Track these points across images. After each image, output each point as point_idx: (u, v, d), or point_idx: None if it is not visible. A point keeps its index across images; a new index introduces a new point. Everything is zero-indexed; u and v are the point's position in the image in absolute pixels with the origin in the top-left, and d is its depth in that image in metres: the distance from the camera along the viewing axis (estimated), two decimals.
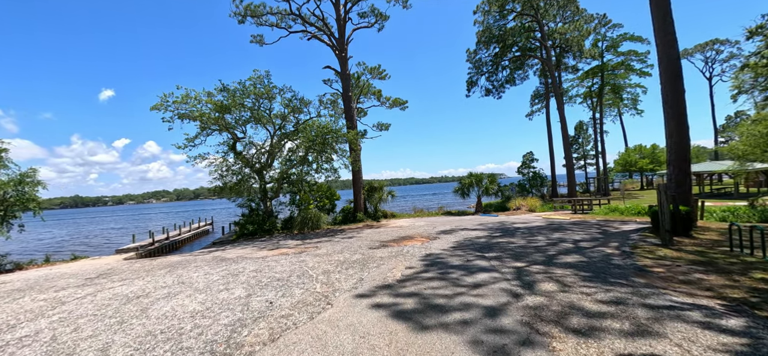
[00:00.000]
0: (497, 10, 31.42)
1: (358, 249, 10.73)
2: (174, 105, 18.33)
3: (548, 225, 13.80)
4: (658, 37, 13.11)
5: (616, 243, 9.16)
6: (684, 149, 12.09)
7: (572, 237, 10.46)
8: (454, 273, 6.62)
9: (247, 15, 22.00)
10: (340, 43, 23.88)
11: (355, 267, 7.93)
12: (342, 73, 23.81)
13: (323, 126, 18.84)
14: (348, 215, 23.03)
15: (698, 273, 5.92)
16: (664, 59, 12.80)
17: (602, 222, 14.37)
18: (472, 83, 33.61)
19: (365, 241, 12.67)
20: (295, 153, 20.92)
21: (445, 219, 20.41)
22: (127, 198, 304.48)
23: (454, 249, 9.41)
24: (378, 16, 23.92)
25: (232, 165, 19.65)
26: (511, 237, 11.04)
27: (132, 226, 44.98)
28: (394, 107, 29.44)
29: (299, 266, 8.67)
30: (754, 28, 12.86)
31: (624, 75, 39.84)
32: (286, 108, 21.48)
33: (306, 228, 19.61)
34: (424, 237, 12.42)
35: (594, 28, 36.91)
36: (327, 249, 11.41)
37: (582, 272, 6.23)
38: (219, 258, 11.33)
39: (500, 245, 9.69)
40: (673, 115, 12.36)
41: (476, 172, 26.84)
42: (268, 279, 7.28)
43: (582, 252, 8.22)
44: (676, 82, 12.49)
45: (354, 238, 14.00)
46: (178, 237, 25.51)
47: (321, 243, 13.14)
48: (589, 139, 47.46)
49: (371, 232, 15.76)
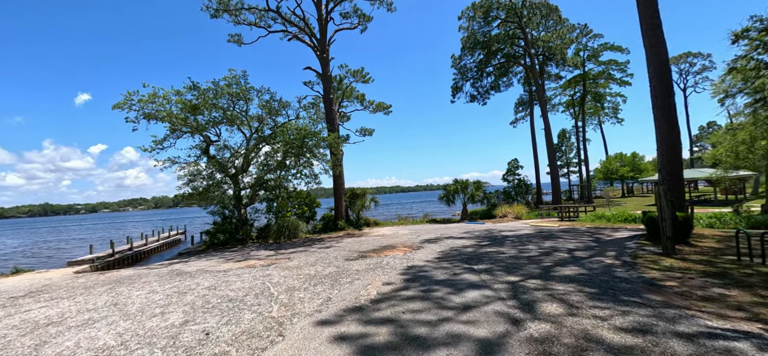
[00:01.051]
0: (482, 17, 31.26)
1: (333, 261, 9.62)
2: (139, 103, 16.83)
3: (538, 233, 13.06)
4: (646, 38, 12.73)
5: (614, 252, 8.42)
6: (676, 153, 11.64)
7: (565, 246, 9.68)
8: (438, 290, 5.63)
9: (221, 9, 20.76)
10: (321, 43, 22.91)
11: (326, 283, 6.83)
12: (323, 74, 22.80)
13: (301, 128, 17.70)
14: (328, 223, 21.81)
15: (717, 288, 5.14)
16: (653, 61, 12.41)
17: (592, 229, 13.76)
18: (457, 89, 33.20)
19: (343, 252, 11.57)
20: (272, 157, 19.65)
21: (430, 227, 19.50)
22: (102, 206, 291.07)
23: (439, 261, 8.43)
24: (361, 17, 23.13)
25: (202, 170, 18.21)
26: (500, 247, 10.18)
27: (99, 236, 42.06)
28: (378, 112, 28.57)
29: (262, 282, 7.49)
30: (739, 31, 12.66)
31: (604, 84, 40.50)
32: (264, 110, 20.27)
33: (282, 238, 18.29)
34: (406, 247, 11.42)
35: (576, 37, 37.41)
36: (299, 261, 10.24)
37: (586, 287, 5.35)
38: (176, 272, 9.98)
39: (490, 255, 8.79)
40: (663, 119, 11.92)
41: (461, 179, 26.16)
42: (218, 300, 6.09)
43: (580, 263, 7.40)
44: (667, 85, 12.09)
45: (331, 248, 12.88)
46: (143, 248, 23.58)
47: (295, 254, 11.95)
48: (572, 147, 47.95)
49: (351, 241, 14.65)
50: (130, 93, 16.80)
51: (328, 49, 23.08)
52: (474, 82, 33.71)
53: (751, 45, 12.98)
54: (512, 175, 34.58)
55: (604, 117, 45.48)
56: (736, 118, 23.33)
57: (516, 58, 33.46)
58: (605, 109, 43.51)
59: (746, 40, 12.84)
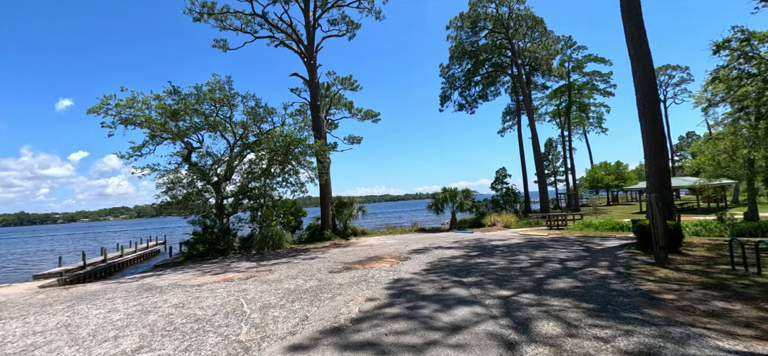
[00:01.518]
0: (469, 27, 31.56)
1: (316, 274, 9.08)
2: (117, 108, 16.08)
3: (528, 243, 12.80)
4: (631, 48, 12.79)
5: (607, 263, 8.16)
6: (664, 162, 11.61)
7: (557, 256, 9.40)
8: (426, 307, 5.19)
9: (205, 13, 20.22)
10: (308, 50, 22.55)
11: (305, 299, 6.31)
12: (310, 81, 22.39)
13: (287, 135, 17.18)
14: (315, 233, 21.16)
15: (718, 301, 4.86)
16: (638, 71, 12.45)
17: (582, 238, 13.59)
18: (445, 98, 33.26)
19: (327, 263, 11.03)
20: (257, 165, 19.02)
21: (419, 236, 19.10)
22: (81, 216, 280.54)
23: (426, 273, 8.01)
24: (349, 25, 22.92)
25: (182, 177, 17.44)
26: (490, 257, 9.83)
27: (73, 247, 40.06)
28: (366, 119, 28.27)
29: (236, 298, 6.91)
30: (720, 42, 12.87)
31: (589, 95, 41.34)
32: (249, 116, 19.69)
33: (266, 248, 17.58)
34: (393, 258, 10.96)
35: (560, 48, 38.18)
36: (280, 274, 9.66)
37: (583, 303, 5.00)
38: (146, 287, 9.27)
39: (479, 267, 8.41)
40: (650, 128, 11.91)
41: (450, 188, 25.90)
42: (183, 320, 5.50)
43: (573, 274, 7.09)
44: (652, 94, 12.12)
45: (316, 259, 12.31)
46: (118, 260, 22.38)
47: (277, 266, 11.35)
48: (558, 155, 48.56)
49: (337, 252, 14.11)
50: (106, 97, 16.06)
51: (316, 56, 22.73)
52: (462, 92, 33.88)
53: (731, 55, 13.22)
54: (500, 184, 34.60)
55: (589, 126, 46.36)
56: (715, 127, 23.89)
57: (503, 68, 33.82)
58: (590, 119, 44.35)
59: (727, 51, 13.07)
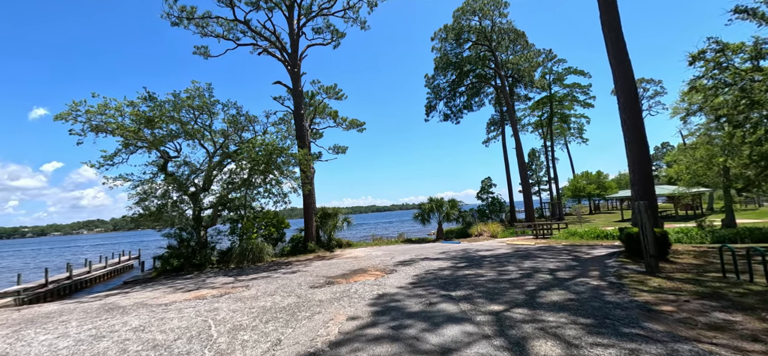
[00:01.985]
0: (454, 39, 31.96)
1: (296, 290, 8.50)
2: (87, 115, 15.20)
3: (516, 253, 12.56)
4: (612, 58, 12.99)
5: (597, 272, 7.94)
6: (647, 170, 11.67)
7: (546, 266, 9.14)
8: (412, 326, 4.75)
9: (184, 18, 19.57)
10: (292, 58, 22.13)
11: (280, 319, 5.76)
12: (294, 89, 21.91)
13: (268, 144, 16.57)
14: (298, 245, 20.42)
15: (718, 313, 4.63)
16: (620, 79, 12.61)
17: (569, 247, 13.48)
18: (430, 108, 33.35)
19: (309, 277, 10.44)
20: (237, 174, 18.27)
21: (405, 247, 18.66)
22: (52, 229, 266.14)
23: (413, 287, 7.57)
24: (334, 33, 22.70)
25: (155, 188, 16.51)
26: (478, 269, 9.48)
27: (39, 262, 37.52)
28: (352, 129, 27.90)
29: (204, 319, 6.28)
30: (696, 53, 13.20)
31: (569, 106, 42.41)
32: (229, 125, 19.02)
33: (246, 262, 16.76)
34: (379, 271, 10.47)
35: (542, 61, 39.15)
36: (257, 290, 9.03)
37: (580, 317, 4.67)
38: (107, 308, 8.46)
39: (468, 279, 8.04)
40: (633, 136, 12.00)
41: (436, 198, 25.65)
42: (139, 347, 4.86)
43: (564, 285, 6.80)
44: (634, 102, 12.27)
45: (298, 273, 11.69)
46: (86, 276, 20.93)
47: (255, 281, 10.69)
48: (541, 165, 49.41)
49: (320, 265, 13.51)
50: (75, 103, 15.20)
51: (300, 64, 22.33)
52: (447, 102, 34.10)
53: (706, 66, 13.58)
54: (486, 194, 34.72)
55: (570, 137, 47.45)
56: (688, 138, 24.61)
57: (487, 79, 34.29)
58: (571, 130, 45.42)
59: (702, 62, 13.42)
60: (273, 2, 21.31)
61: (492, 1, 31.66)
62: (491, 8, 31.53)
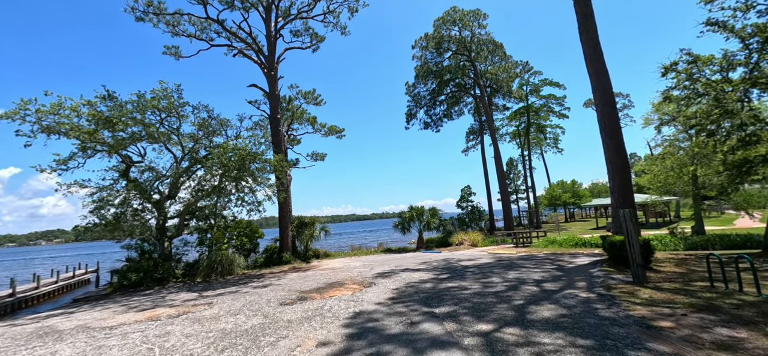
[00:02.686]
0: (434, 48, 32.09)
1: (263, 307, 7.68)
2: (37, 114, 13.78)
3: (498, 263, 12.20)
4: (590, 67, 13.08)
5: (584, 283, 7.62)
6: (626, 176, 11.68)
7: (531, 277, 8.77)
8: (392, 353, 4.12)
9: (151, 13, 18.36)
10: (269, 60, 21.27)
11: (239, 347, 4.97)
12: (271, 93, 21.01)
13: (241, 148, 15.59)
14: (272, 256, 19.30)
15: (721, 328, 4.30)
16: (598, 88, 12.68)
17: (551, 256, 13.29)
18: (411, 115, 33.18)
19: (281, 292, 9.60)
20: (207, 181, 17.08)
21: (385, 257, 18.00)
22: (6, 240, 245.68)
23: (393, 303, 6.94)
24: (313, 36, 22.06)
25: (112, 195, 15.11)
26: (462, 281, 8.98)
27: None
28: (331, 135, 27.15)
29: (150, 347, 5.37)
30: (668, 65, 13.54)
31: (545, 116, 43.56)
32: (200, 128, 17.90)
33: (214, 275, 15.55)
34: (356, 284, 9.77)
35: (519, 72, 40.09)
36: (221, 308, 8.12)
37: (578, 338, 4.21)
38: (42, 332, 7.32)
39: (452, 293, 7.50)
40: (612, 142, 12.03)
41: (417, 206, 25.23)
42: None
43: (553, 299, 6.40)
44: (612, 110, 12.33)
45: (269, 287, 10.81)
46: (32, 293, 18.88)
47: (220, 297, 9.72)
48: (519, 174, 50.30)
49: (295, 277, 12.64)
50: (24, 101, 13.77)
51: (277, 67, 21.49)
52: (427, 110, 34.07)
53: (678, 77, 13.96)
54: (466, 202, 34.71)
55: (546, 147, 48.68)
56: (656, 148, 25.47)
57: (466, 89, 34.60)
58: (547, 140, 46.59)
59: (674, 73, 13.78)
60: (249, 2, 20.48)
61: (472, 13, 32.15)
62: (471, 19, 31.97)
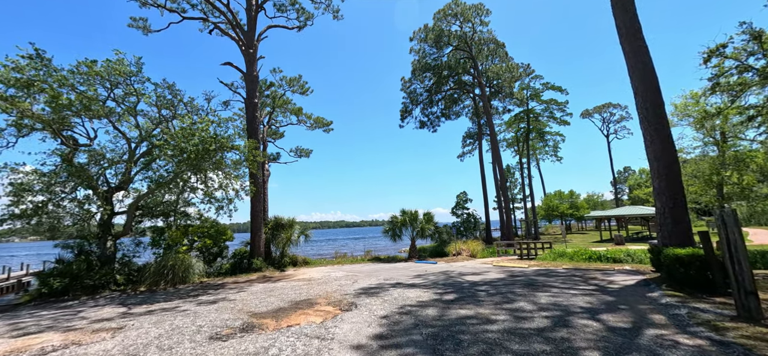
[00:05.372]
0: (433, 41, 29.96)
1: (183, 342, 5.04)
2: None
3: (513, 279, 9.72)
4: (626, 44, 10.88)
5: (661, 317, 5.18)
6: (675, 173, 9.39)
7: (574, 303, 6.30)
8: None
9: None
10: (248, 37, 18.68)
11: None
12: (248, 74, 18.38)
13: (200, 127, 12.84)
14: (241, 262, 16.50)
15: None
16: (637, 69, 10.46)
17: (575, 271, 10.87)
18: (406, 112, 30.82)
19: (225, 314, 6.93)
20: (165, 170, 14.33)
21: (372, 267, 15.38)
22: None
23: (381, 344, 4.37)
24: (299, 12, 19.55)
25: (32, 181, 12.17)
26: (477, 306, 6.44)
27: None
28: (317, 128, 24.49)
29: None
30: (713, 48, 11.48)
31: (545, 123, 41.75)
32: (164, 108, 15.22)
33: (163, 283, 12.76)
34: (331, 305, 7.14)
35: (520, 75, 38.27)
36: (126, 339, 5.48)
37: None
38: None
39: (470, 328, 4.96)
40: (656, 133, 9.75)
41: (410, 211, 22.53)
42: None
43: (640, 348, 3.94)
44: (655, 94, 10.08)
45: (217, 304, 8.13)
46: None
47: (143, 319, 7.03)
48: (515, 183, 48.34)
49: (258, 290, 9.97)
50: None
51: (257, 45, 18.91)
52: (424, 108, 31.79)
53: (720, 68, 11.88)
54: (461, 209, 32.41)
55: (545, 155, 46.89)
56: None
57: (466, 87, 32.53)
58: (547, 147, 44.82)
59: (718, 58, 11.71)
60: None
61: (474, 7, 30.20)
62: (472, 14, 30.00)
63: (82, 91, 12.10)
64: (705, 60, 11.81)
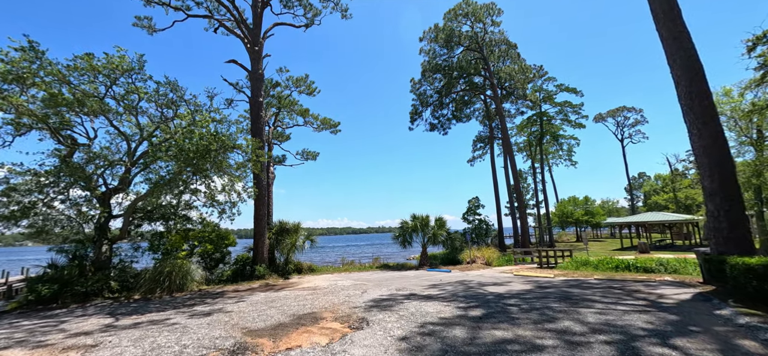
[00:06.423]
0: (443, 42, 29.10)
1: None
2: None
3: (543, 291, 8.64)
4: (663, 29, 9.85)
5: (750, 342, 4.11)
6: (729, 170, 8.24)
7: (631, 323, 5.22)
8: None
9: None
10: (253, 34, 18.06)
11: None
12: (253, 72, 17.72)
13: (197, 121, 12.10)
14: (243, 268, 15.67)
15: None
16: (678, 55, 9.40)
17: (612, 283, 9.70)
18: (416, 114, 29.90)
19: (218, 330, 6.01)
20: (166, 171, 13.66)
21: (382, 276, 14.36)
22: None
23: None
24: (307, 9, 18.88)
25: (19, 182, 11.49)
26: (511, 325, 5.41)
27: None
28: (324, 129, 23.71)
29: None
30: (760, 34, 10.35)
31: (558, 127, 40.37)
32: (166, 107, 14.58)
33: (160, 290, 11.96)
34: (339, 321, 6.16)
35: (532, 77, 37.12)
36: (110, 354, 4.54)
37: None
38: None
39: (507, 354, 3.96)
40: (704, 126, 8.65)
41: (421, 215, 21.39)
42: None
43: None
44: (701, 83, 8.98)
45: (211, 317, 7.23)
46: None
47: (127, 332, 6.20)
48: (528, 188, 46.89)
49: (259, 301, 9.06)
50: None
51: (263, 43, 18.28)
52: (434, 111, 30.82)
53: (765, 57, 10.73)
54: (473, 215, 31.18)
55: (558, 159, 45.42)
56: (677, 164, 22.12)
57: (477, 89, 31.51)
58: (561, 151, 43.39)
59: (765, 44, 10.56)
60: None
61: (485, 7, 29.32)
62: (484, 14, 29.11)
63: (75, 85, 11.44)
64: (749, 48, 10.69)
